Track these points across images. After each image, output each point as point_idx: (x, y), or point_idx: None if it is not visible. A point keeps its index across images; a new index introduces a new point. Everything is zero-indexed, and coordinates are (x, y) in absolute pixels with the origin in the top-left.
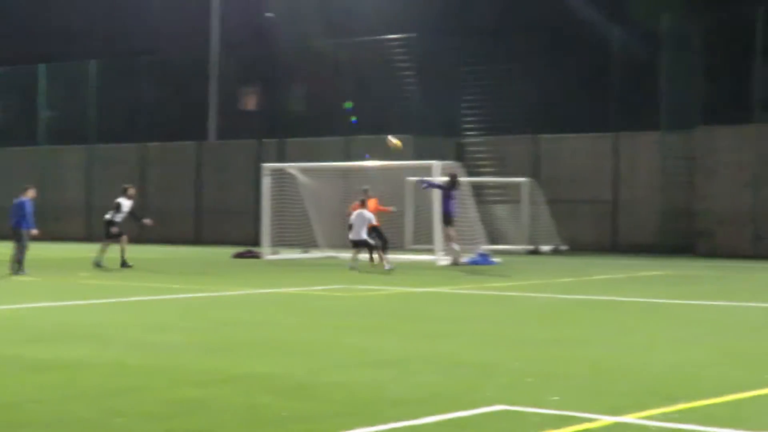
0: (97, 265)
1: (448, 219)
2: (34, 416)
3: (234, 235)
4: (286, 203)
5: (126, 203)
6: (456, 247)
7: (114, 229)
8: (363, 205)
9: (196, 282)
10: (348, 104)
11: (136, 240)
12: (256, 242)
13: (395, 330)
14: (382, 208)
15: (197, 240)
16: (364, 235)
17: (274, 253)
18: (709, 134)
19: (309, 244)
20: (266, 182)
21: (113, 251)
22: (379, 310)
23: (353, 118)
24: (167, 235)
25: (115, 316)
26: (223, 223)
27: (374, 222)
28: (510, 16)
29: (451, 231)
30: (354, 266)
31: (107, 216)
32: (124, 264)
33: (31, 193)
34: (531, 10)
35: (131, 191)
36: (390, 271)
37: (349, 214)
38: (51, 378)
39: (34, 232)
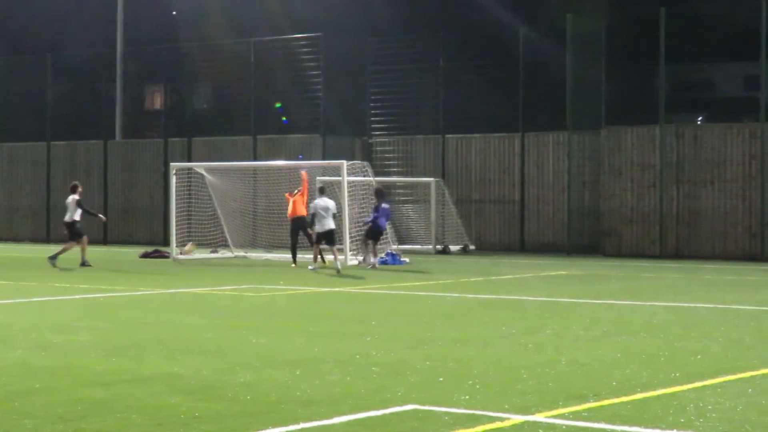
0: (85, 264)
1: (376, 234)
2: None
3: (141, 235)
4: (195, 203)
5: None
6: (373, 260)
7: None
8: (323, 192)
9: (102, 282)
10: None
11: (42, 240)
12: (164, 242)
13: (304, 330)
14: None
15: (104, 240)
16: (332, 225)
17: (181, 252)
18: (615, 134)
19: (218, 243)
20: (174, 181)
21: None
22: (287, 310)
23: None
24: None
25: (18, 316)
26: (130, 222)
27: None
28: (418, 16)
29: (374, 245)
30: (316, 267)
31: (68, 217)
32: (84, 263)
33: None
34: (439, 9)
35: (80, 189)
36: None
37: (294, 210)
38: None
39: None
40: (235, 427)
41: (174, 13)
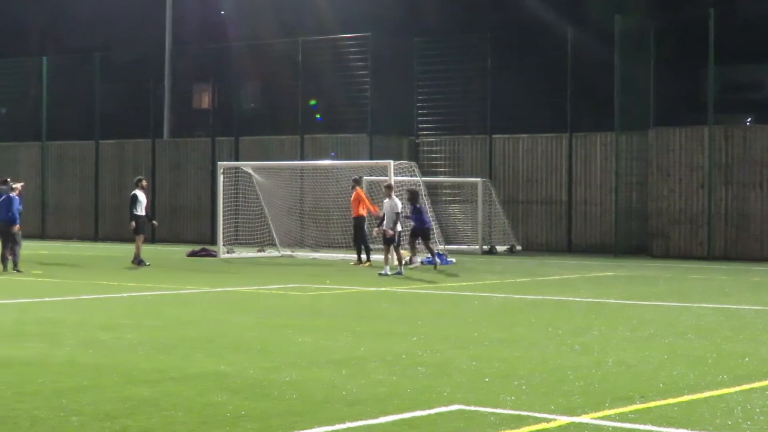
0: (141, 263)
1: (426, 233)
2: None
3: (188, 234)
4: (242, 202)
5: (143, 197)
6: (418, 260)
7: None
8: (390, 190)
9: (149, 280)
10: (312, 102)
11: (93, 238)
12: (212, 241)
13: (350, 329)
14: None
15: (152, 238)
16: (399, 227)
17: (229, 251)
18: (663, 135)
19: (265, 242)
20: (221, 180)
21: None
22: (333, 310)
23: (317, 116)
24: (121, 234)
25: (67, 313)
26: (178, 221)
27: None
28: (466, 16)
29: (431, 244)
30: (397, 270)
31: (139, 211)
32: (140, 261)
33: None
34: (486, 9)
35: (144, 183)
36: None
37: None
38: (3, 376)
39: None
40: (280, 426)
41: (222, 12)
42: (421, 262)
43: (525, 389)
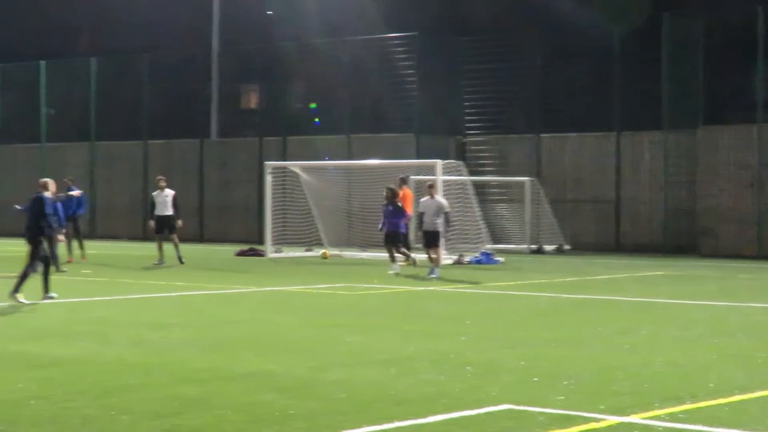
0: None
1: (397, 237)
2: (38, 413)
3: (237, 233)
4: (289, 201)
5: (162, 197)
6: (395, 266)
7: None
8: (432, 189)
9: (198, 279)
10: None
11: (141, 238)
12: (259, 240)
13: (398, 329)
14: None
15: (200, 238)
16: (440, 227)
17: (276, 251)
18: (711, 134)
19: (312, 242)
20: (269, 180)
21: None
22: (381, 309)
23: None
24: None
25: (116, 313)
26: (226, 221)
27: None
28: (512, 14)
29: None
30: (435, 273)
31: (159, 211)
32: (162, 262)
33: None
34: (533, 8)
35: (162, 183)
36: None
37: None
38: (53, 375)
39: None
40: (328, 425)
41: (269, 12)
42: (469, 262)
43: (574, 389)
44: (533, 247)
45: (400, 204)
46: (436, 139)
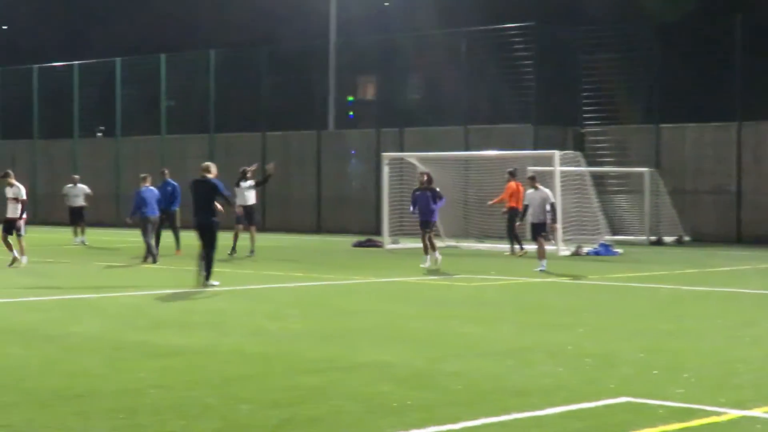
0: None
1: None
2: (158, 401)
3: (354, 224)
4: (406, 192)
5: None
6: (437, 255)
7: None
8: (534, 180)
9: (316, 270)
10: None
11: (260, 229)
12: (376, 231)
13: (515, 320)
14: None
15: (318, 229)
16: (546, 218)
17: (394, 242)
18: None
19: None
20: (386, 171)
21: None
22: (497, 300)
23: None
24: (288, 224)
25: (234, 303)
26: (343, 212)
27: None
28: (630, 4)
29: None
30: (541, 266)
31: (253, 201)
32: (253, 252)
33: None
34: None
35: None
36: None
37: (504, 199)
38: (173, 364)
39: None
40: (446, 417)
41: (386, 3)
42: (587, 253)
43: (694, 382)
44: (652, 238)
45: (437, 189)
46: (553, 129)
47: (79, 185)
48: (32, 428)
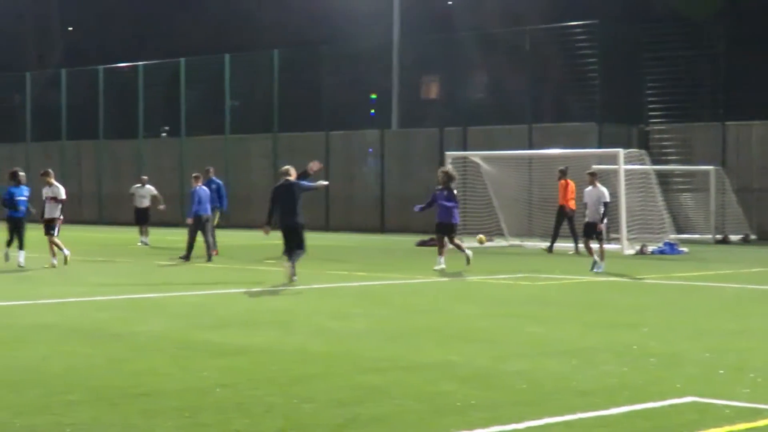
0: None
1: (452, 228)
2: (222, 400)
3: (417, 224)
4: (470, 191)
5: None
6: (468, 252)
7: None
8: (594, 177)
9: (379, 269)
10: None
11: (323, 228)
12: None
13: (579, 319)
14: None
15: (381, 228)
16: (605, 219)
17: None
18: None
19: (493, 232)
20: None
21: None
22: (561, 300)
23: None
24: (351, 224)
25: (298, 302)
26: (407, 211)
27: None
28: (694, 2)
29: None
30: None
31: None
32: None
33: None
34: None
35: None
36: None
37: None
38: (237, 363)
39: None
40: (510, 416)
41: (450, 2)
42: (652, 252)
43: (760, 382)
44: (718, 237)
45: (454, 190)
46: (618, 127)
47: (147, 186)
48: (98, 426)
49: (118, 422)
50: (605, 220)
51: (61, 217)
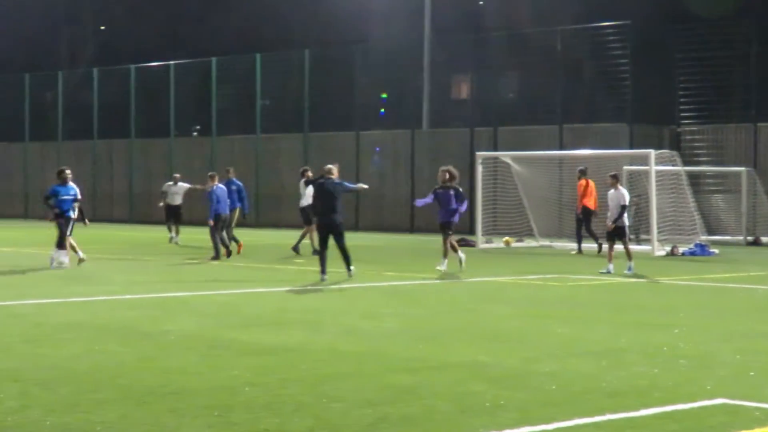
0: (296, 251)
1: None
2: (252, 399)
3: None
4: (500, 191)
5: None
6: (461, 255)
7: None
8: (616, 180)
9: (409, 269)
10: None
11: (354, 227)
12: (470, 230)
13: (609, 320)
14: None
15: (411, 228)
16: (626, 220)
17: (487, 241)
18: None
19: (523, 232)
20: (480, 170)
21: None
22: (592, 300)
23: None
24: (381, 224)
25: (328, 302)
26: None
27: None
28: (726, 2)
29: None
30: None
31: (303, 203)
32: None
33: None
34: None
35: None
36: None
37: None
38: (267, 362)
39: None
40: (540, 417)
41: (481, 2)
42: (683, 253)
43: None
44: (749, 238)
45: (460, 189)
46: (649, 128)
47: (180, 183)
48: (127, 424)
49: (148, 421)
50: (627, 222)
51: (75, 216)
